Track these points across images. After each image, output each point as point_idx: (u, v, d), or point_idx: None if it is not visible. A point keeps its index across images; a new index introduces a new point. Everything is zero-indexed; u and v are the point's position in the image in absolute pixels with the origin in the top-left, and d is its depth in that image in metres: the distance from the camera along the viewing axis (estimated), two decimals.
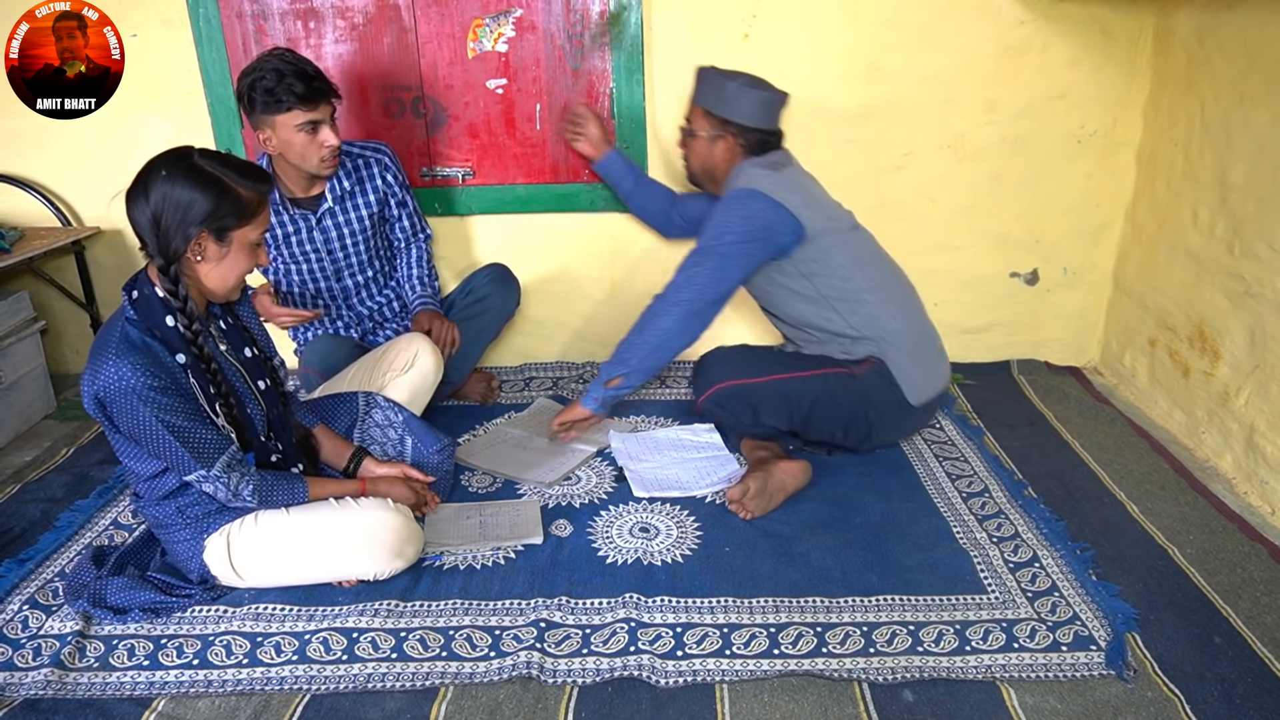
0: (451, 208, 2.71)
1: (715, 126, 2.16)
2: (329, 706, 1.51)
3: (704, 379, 2.22)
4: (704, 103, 2.16)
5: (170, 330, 1.58)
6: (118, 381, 1.51)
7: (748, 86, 2.11)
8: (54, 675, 1.56)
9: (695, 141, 2.20)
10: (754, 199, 2.05)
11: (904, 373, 2.11)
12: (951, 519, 2.01)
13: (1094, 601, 1.70)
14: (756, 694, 1.52)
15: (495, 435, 2.44)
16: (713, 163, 2.20)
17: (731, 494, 2.04)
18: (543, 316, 2.87)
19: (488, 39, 2.53)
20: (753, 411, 2.15)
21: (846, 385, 2.10)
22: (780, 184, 2.08)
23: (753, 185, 2.07)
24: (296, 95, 2.05)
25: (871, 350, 2.11)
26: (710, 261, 2.06)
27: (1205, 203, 2.31)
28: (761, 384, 2.14)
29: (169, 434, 1.55)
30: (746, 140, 2.15)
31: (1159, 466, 2.22)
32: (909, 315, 2.17)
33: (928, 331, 2.21)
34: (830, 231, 2.10)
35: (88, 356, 1.58)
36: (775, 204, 2.04)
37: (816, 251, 2.09)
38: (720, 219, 2.07)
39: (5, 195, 2.71)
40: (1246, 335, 2.14)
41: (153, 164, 1.54)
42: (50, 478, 2.27)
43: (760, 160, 2.15)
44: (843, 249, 2.11)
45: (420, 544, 1.83)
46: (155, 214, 1.51)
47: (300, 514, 1.73)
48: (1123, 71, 2.56)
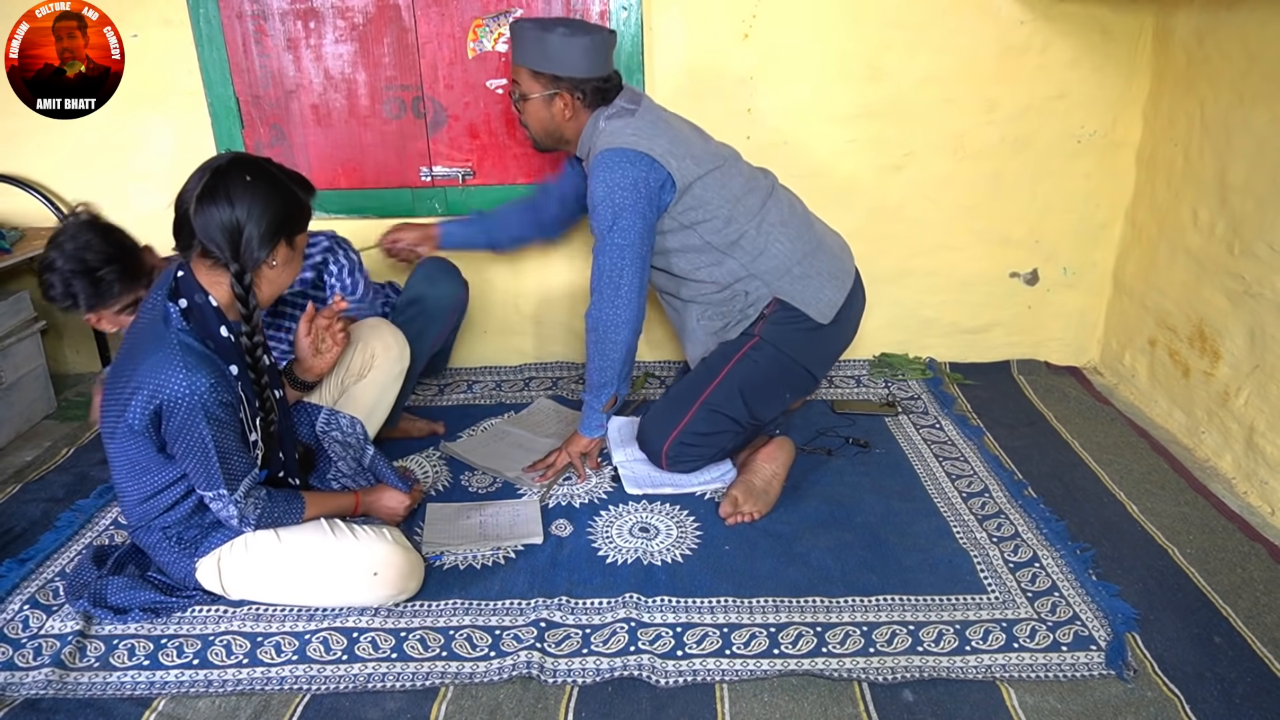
0: (451, 208, 2.71)
1: (546, 85, 1.99)
2: (329, 706, 1.51)
3: (650, 449, 2.13)
4: (527, 61, 1.99)
5: (223, 341, 1.57)
6: (189, 395, 1.48)
7: (570, 35, 1.93)
8: (54, 675, 1.56)
9: (529, 105, 2.04)
10: (624, 161, 1.93)
11: (802, 296, 2.04)
12: (951, 519, 2.01)
13: (1094, 601, 1.70)
14: (756, 694, 1.52)
15: (494, 433, 2.45)
16: (554, 124, 2.05)
17: (722, 510, 2.02)
18: (543, 316, 2.88)
19: (488, 39, 2.53)
20: (705, 440, 2.08)
21: (756, 357, 2.05)
22: (643, 131, 1.96)
23: (617, 143, 1.94)
24: (88, 300, 1.84)
25: (765, 286, 2.05)
26: (616, 255, 1.96)
27: (1205, 203, 2.31)
28: (691, 417, 2.07)
29: (214, 451, 1.53)
30: (583, 93, 2.00)
31: (1159, 466, 2.22)
32: (790, 235, 2.07)
33: (816, 242, 2.11)
34: (700, 175, 1.99)
35: (129, 365, 1.51)
36: (648, 160, 1.93)
37: (692, 200, 2.00)
38: (602, 197, 1.94)
39: (5, 195, 2.71)
40: (1246, 335, 2.15)
41: (227, 169, 1.51)
42: (51, 478, 2.27)
43: (613, 110, 2.01)
44: (718, 191, 2.01)
45: (421, 576, 1.78)
46: (240, 221, 1.50)
47: (295, 544, 1.68)
48: (1122, 71, 2.56)
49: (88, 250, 1.81)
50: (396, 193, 2.69)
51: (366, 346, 2.05)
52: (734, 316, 2.11)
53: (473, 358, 2.93)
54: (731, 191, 2.04)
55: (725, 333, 2.13)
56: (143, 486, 1.62)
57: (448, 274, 2.40)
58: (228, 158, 1.55)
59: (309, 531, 1.71)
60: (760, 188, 2.10)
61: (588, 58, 1.96)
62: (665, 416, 2.11)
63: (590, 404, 2.16)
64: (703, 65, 2.57)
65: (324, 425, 1.89)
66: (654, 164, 1.94)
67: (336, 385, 2.04)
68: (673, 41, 2.55)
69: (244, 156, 1.57)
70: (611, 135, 1.97)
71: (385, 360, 2.06)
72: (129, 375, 1.51)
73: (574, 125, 2.06)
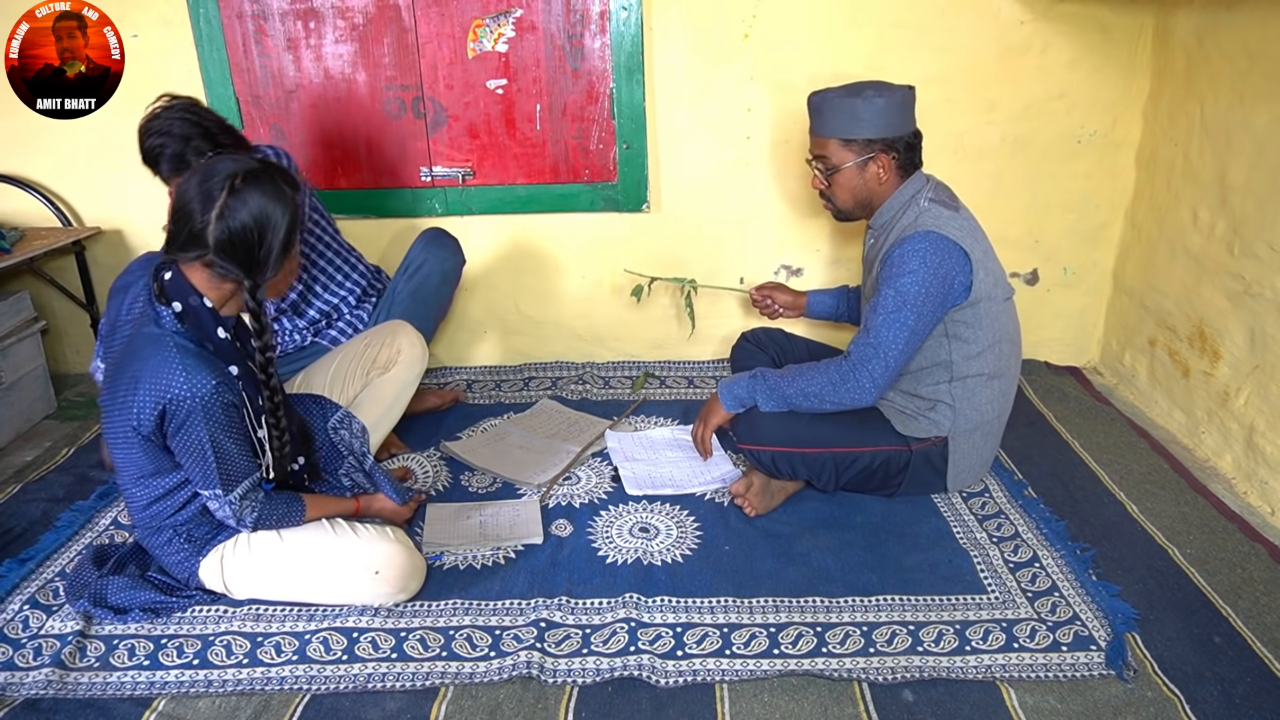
0: (451, 208, 2.71)
1: (859, 151, 1.93)
2: (329, 706, 1.51)
3: (753, 433, 2.01)
4: (835, 132, 1.94)
5: (222, 342, 1.56)
6: (191, 396, 1.48)
7: (875, 96, 1.89)
8: (54, 675, 1.56)
9: (841, 176, 1.97)
10: (942, 247, 1.82)
11: (960, 460, 2.00)
12: (951, 519, 2.01)
13: (1094, 601, 1.70)
14: (756, 694, 1.52)
15: (495, 433, 2.45)
16: (867, 190, 1.97)
17: (735, 488, 2.04)
18: (543, 316, 2.88)
19: (488, 39, 2.53)
20: (793, 469, 2.01)
21: (894, 460, 1.99)
22: (966, 229, 1.87)
23: (937, 228, 1.83)
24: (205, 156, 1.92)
25: (940, 429, 1.97)
26: (899, 331, 1.83)
27: (1205, 203, 2.31)
28: (815, 454, 1.98)
29: (212, 451, 1.53)
30: (897, 152, 1.93)
31: (1159, 466, 2.22)
32: (1000, 408, 2.00)
33: (1000, 426, 2.06)
34: (990, 299, 1.90)
35: (128, 372, 1.51)
36: (962, 253, 1.83)
37: (972, 316, 1.89)
38: (906, 268, 1.82)
39: (5, 195, 2.71)
40: (1246, 335, 2.15)
41: (243, 183, 1.48)
42: (51, 478, 2.27)
43: (935, 191, 1.94)
44: (993, 322, 1.92)
45: (423, 576, 1.78)
46: (256, 235, 1.49)
47: (297, 543, 1.69)
48: (1122, 72, 2.56)
49: (203, 115, 1.99)
50: (396, 193, 2.69)
51: (394, 341, 2.13)
52: (909, 414, 2.01)
53: (473, 358, 2.94)
54: (1000, 332, 1.95)
55: (895, 418, 2.03)
56: (151, 490, 1.62)
57: (445, 242, 2.44)
58: (256, 169, 1.51)
59: (311, 530, 1.71)
60: (1015, 344, 2.02)
61: (896, 114, 1.91)
62: (790, 429, 1.99)
63: (739, 390, 2.04)
64: (703, 65, 2.57)
65: (336, 423, 1.91)
66: (965, 260, 1.84)
67: (360, 376, 2.10)
68: (673, 41, 2.55)
69: (256, 170, 1.52)
70: (937, 219, 1.86)
71: (410, 357, 2.14)
72: (131, 382, 1.51)
73: (885, 190, 1.97)
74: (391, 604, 1.73)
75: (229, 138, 2.02)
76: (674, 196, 2.72)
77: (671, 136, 2.65)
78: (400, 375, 2.13)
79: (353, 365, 2.12)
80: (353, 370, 2.11)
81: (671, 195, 2.72)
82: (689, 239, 2.75)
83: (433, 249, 2.40)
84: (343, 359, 2.13)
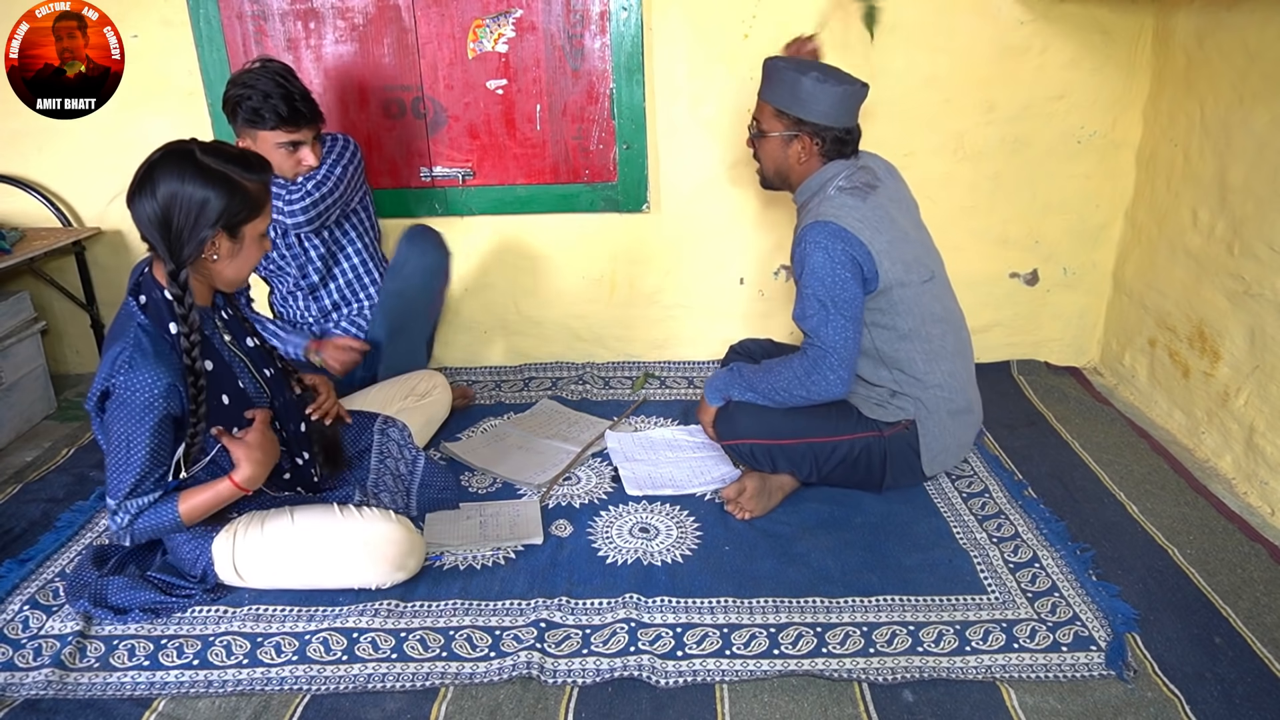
0: (451, 208, 2.71)
1: (788, 126, 1.96)
2: (329, 707, 1.51)
3: (731, 427, 2.08)
4: (775, 100, 1.96)
5: (174, 337, 1.56)
6: (125, 388, 1.48)
7: (822, 81, 1.89)
8: (54, 675, 1.56)
9: (767, 142, 2.01)
10: (839, 234, 1.86)
11: (931, 442, 2.01)
12: (951, 519, 2.01)
13: (1094, 602, 1.70)
14: (756, 694, 1.52)
15: (495, 434, 2.45)
16: (787, 165, 2.02)
17: (726, 493, 2.04)
18: (542, 316, 2.88)
19: (488, 39, 2.53)
20: (773, 462, 2.05)
21: (872, 448, 2.01)
22: (868, 219, 1.89)
23: (835, 218, 1.87)
24: (280, 117, 2.04)
25: (907, 413, 1.99)
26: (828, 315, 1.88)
27: (1205, 203, 2.31)
28: (792, 445, 2.03)
29: (141, 448, 1.51)
30: (823, 140, 1.96)
31: (1159, 467, 2.22)
32: (955, 385, 2.02)
33: (967, 403, 2.06)
34: (903, 285, 1.92)
35: (107, 353, 1.54)
36: (861, 244, 1.86)
37: (885, 303, 1.93)
38: (810, 267, 1.88)
39: (5, 195, 2.71)
40: (1246, 335, 2.15)
41: (157, 163, 1.48)
42: (51, 478, 2.27)
43: (848, 179, 1.96)
44: (912, 306, 1.94)
45: (422, 556, 1.82)
46: (165, 216, 1.47)
47: (304, 522, 1.73)
48: (1122, 72, 2.56)
49: (290, 81, 2.06)
50: (396, 193, 2.69)
51: (430, 379, 2.39)
52: (874, 401, 2.03)
53: (472, 358, 2.94)
54: (924, 312, 1.96)
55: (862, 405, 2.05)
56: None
57: (425, 237, 2.38)
58: (170, 150, 1.50)
59: (318, 513, 1.75)
60: (950, 321, 2.04)
61: (835, 107, 1.92)
62: (766, 421, 2.04)
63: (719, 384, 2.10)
64: (703, 65, 2.57)
65: (382, 424, 2.04)
66: (865, 252, 1.87)
67: (400, 398, 2.28)
68: (673, 41, 2.55)
69: (177, 146, 1.51)
70: (838, 209, 1.89)
71: (443, 395, 2.41)
72: (100, 370, 1.54)
73: (804, 170, 2.01)
74: (390, 583, 1.75)
75: (306, 107, 2.09)
76: (674, 197, 2.72)
77: (671, 136, 2.65)
78: (432, 409, 2.36)
79: (394, 389, 2.31)
80: (394, 394, 2.30)
81: (671, 195, 2.72)
82: (689, 239, 2.76)
83: (414, 246, 2.35)
84: (383, 387, 2.31)
